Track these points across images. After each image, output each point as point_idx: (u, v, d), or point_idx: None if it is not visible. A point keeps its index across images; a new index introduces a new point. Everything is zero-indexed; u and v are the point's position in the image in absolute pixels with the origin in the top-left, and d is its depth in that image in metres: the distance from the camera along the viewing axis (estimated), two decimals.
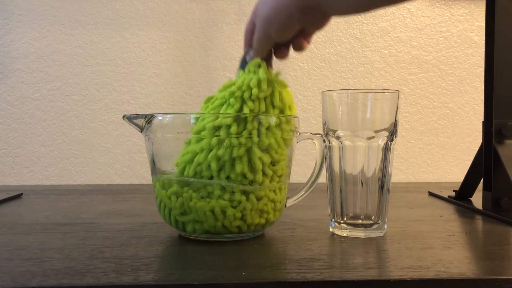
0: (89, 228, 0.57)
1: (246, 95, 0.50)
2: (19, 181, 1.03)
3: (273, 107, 0.51)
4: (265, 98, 0.51)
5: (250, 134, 0.48)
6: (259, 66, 0.51)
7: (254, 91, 0.50)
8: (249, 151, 0.48)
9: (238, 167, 0.48)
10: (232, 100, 0.50)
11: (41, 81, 1.03)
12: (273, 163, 0.50)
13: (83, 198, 0.81)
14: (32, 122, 1.03)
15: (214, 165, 0.48)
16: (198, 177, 0.49)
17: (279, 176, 0.52)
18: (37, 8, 1.03)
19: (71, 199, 0.80)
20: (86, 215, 0.65)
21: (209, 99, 0.54)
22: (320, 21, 0.50)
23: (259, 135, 0.49)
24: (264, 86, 0.50)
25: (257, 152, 0.49)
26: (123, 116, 0.51)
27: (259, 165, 0.49)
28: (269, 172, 0.50)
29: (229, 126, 0.48)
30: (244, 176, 0.48)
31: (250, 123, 0.48)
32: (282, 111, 0.52)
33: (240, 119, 0.48)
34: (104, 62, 1.04)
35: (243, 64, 0.54)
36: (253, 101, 0.50)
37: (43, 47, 1.03)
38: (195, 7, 1.05)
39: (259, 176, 0.49)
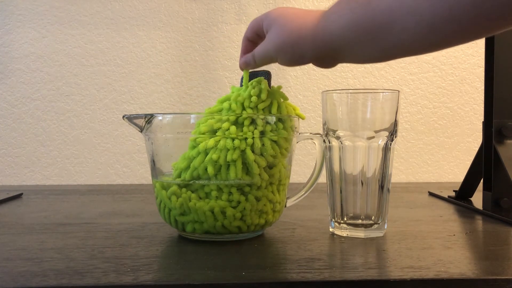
0: (89, 228, 0.57)
1: (246, 103, 0.52)
2: (19, 181, 1.03)
3: None
4: (263, 108, 0.52)
5: (246, 137, 0.49)
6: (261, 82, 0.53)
7: (253, 98, 0.51)
8: (243, 154, 0.49)
9: (232, 172, 0.48)
10: (233, 105, 0.52)
11: (41, 81, 1.03)
12: (270, 166, 0.50)
13: (83, 198, 0.81)
14: (32, 122, 1.03)
15: (210, 169, 0.48)
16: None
17: (279, 180, 0.52)
18: (37, 8, 1.03)
19: (71, 199, 0.80)
20: (86, 215, 0.65)
21: (209, 109, 0.55)
22: (330, 65, 0.49)
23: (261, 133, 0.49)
24: (263, 96, 0.51)
25: (252, 156, 0.49)
26: (123, 116, 0.51)
27: (256, 168, 0.49)
28: (265, 176, 0.50)
29: (227, 128, 0.48)
30: (240, 179, 0.49)
31: (246, 126, 0.49)
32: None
33: (238, 123, 0.49)
34: (104, 62, 1.04)
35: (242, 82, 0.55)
36: (251, 109, 0.51)
37: (43, 47, 1.03)
38: (195, 7, 1.05)
39: (257, 179, 0.49)
